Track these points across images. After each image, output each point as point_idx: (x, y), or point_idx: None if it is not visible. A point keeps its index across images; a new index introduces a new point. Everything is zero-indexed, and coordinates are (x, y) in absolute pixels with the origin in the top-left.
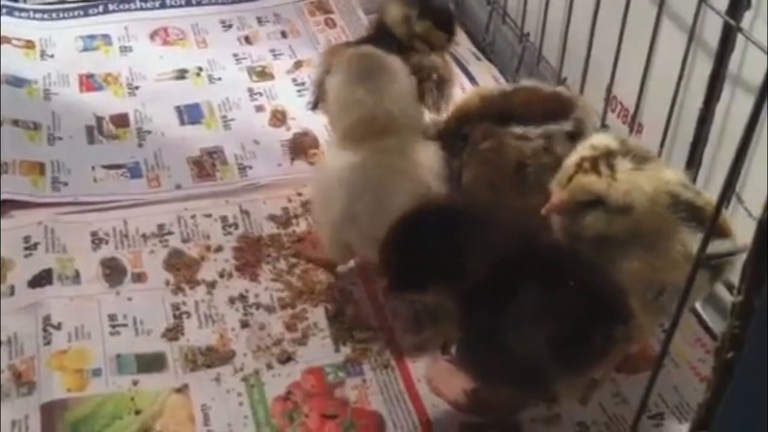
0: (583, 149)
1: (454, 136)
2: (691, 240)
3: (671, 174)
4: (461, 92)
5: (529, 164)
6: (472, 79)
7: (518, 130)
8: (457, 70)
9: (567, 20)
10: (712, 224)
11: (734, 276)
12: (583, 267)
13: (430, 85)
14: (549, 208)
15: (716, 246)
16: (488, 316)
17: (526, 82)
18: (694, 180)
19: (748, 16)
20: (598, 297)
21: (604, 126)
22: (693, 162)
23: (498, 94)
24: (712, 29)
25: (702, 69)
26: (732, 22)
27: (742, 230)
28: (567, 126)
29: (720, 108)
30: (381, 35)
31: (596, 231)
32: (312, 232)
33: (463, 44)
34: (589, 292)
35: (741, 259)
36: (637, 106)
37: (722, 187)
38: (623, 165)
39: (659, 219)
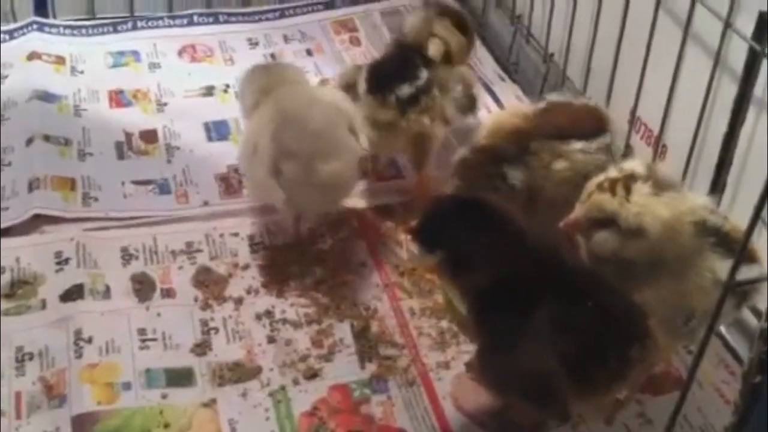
0: (611, 171)
1: (501, 157)
2: (720, 265)
3: (698, 200)
4: (486, 113)
5: None
6: (496, 100)
7: (579, 145)
8: (481, 90)
9: (592, 41)
10: (742, 250)
11: (760, 300)
12: (601, 286)
13: (456, 95)
14: (566, 223)
15: (744, 272)
16: (505, 328)
17: (552, 97)
18: (718, 204)
19: None
20: (615, 316)
21: (628, 147)
22: (717, 185)
23: (538, 111)
24: (737, 53)
25: (727, 92)
26: (757, 47)
27: None
28: (608, 139)
29: (744, 132)
30: (402, 51)
31: (608, 250)
32: None
33: (486, 64)
34: (606, 311)
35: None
36: (662, 129)
37: (753, 212)
38: (641, 189)
39: (680, 246)
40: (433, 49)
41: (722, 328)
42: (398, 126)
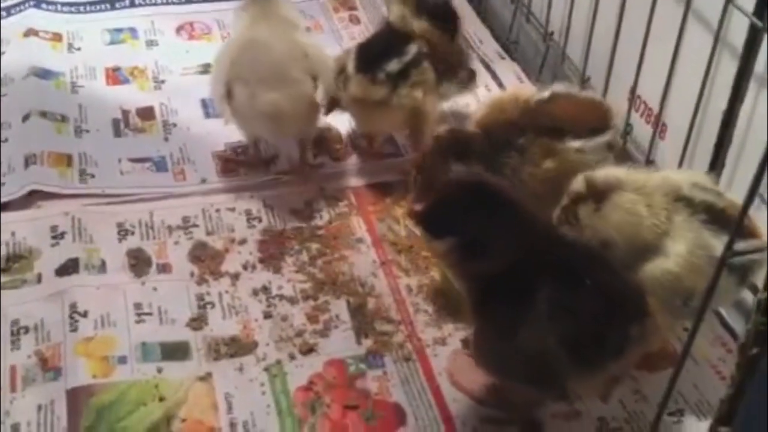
0: (575, 183)
1: (495, 144)
2: (714, 243)
3: (679, 177)
4: (485, 91)
5: None
6: (495, 78)
7: (575, 144)
8: (481, 69)
9: (592, 19)
10: (739, 224)
11: (758, 278)
12: (600, 265)
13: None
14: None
15: (742, 246)
16: (504, 310)
17: (558, 88)
18: (717, 180)
19: None
20: (614, 296)
21: (628, 125)
22: (717, 163)
23: (537, 102)
24: (738, 30)
25: (727, 70)
26: (759, 23)
27: None
28: (608, 136)
29: (745, 109)
30: (390, 30)
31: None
32: None
33: (486, 42)
34: (605, 290)
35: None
36: (662, 107)
37: (750, 187)
38: (585, 209)
39: (657, 227)
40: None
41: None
42: (390, 102)
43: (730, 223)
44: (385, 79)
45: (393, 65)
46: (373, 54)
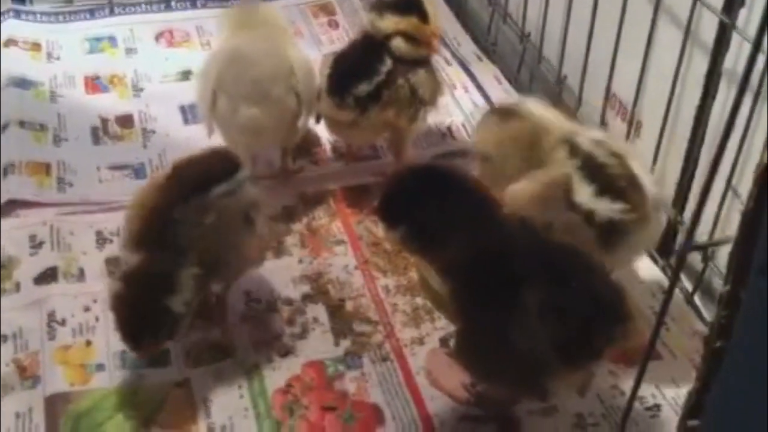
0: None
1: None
2: (577, 186)
3: (589, 132)
4: (463, 92)
5: None
6: (473, 79)
7: (221, 188)
8: (459, 71)
9: (566, 20)
10: (697, 215)
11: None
12: (581, 266)
13: (414, 102)
14: None
15: (605, 204)
16: (487, 311)
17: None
18: (692, 176)
19: (743, 14)
20: (597, 296)
21: (603, 124)
22: (690, 158)
23: (164, 179)
24: (707, 27)
25: (699, 66)
26: (726, 20)
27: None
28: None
29: (717, 105)
30: (365, 43)
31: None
32: None
33: (465, 45)
34: (587, 291)
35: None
36: (635, 104)
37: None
38: (489, 120)
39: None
40: (395, 45)
41: (696, 299)
42: (360, 124)
43: (603, 176)
44: (353, 104)
45: (363, 88)
46: (344, 73)
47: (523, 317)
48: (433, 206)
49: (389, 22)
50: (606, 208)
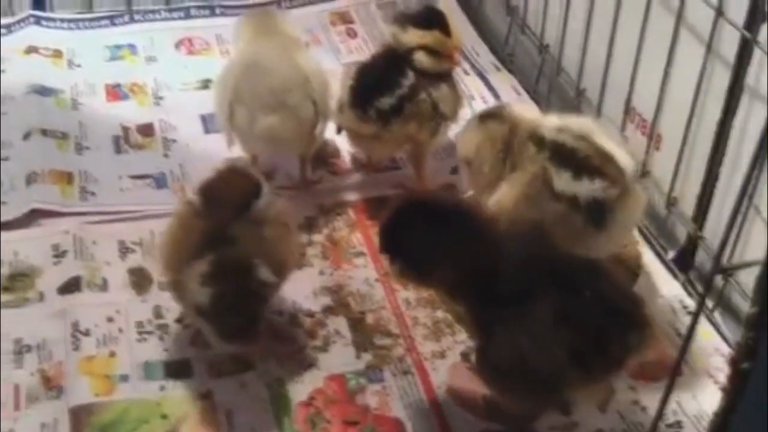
0: None
1: None
2: (555, 177)
3: (551, 120)
4: (482, 103)
5: None
6: (492, 90)
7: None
8: (478, 81)
9: (586, 32)
10: (726, 238)
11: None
12: (596, 275)
13: (435, 116)
14: None
15: (585, 185)
16: (505, 326)
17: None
18: (712, 191)
19: (765, 29)
20: (612, 304)
21: (622, 137)
22: (711, 173)
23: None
24: (729, 42)
25: (720, 81)
26: (748, 35)
27: (762, 242)
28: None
29: (738, 120)
30: (387, 56)
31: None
32: None
33: (483, 55)
34: (603, 299)
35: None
36: (655, 118)
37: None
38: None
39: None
40: (418, 59)
41: (717, 315)
42: (382, 137)
43: (575, 159)
44: (375, 117)
45: (385, 101)
46: (366, 86)
47: (538, 329)
48: (425, 237)
49: (412, 36)
50: (587, 188)
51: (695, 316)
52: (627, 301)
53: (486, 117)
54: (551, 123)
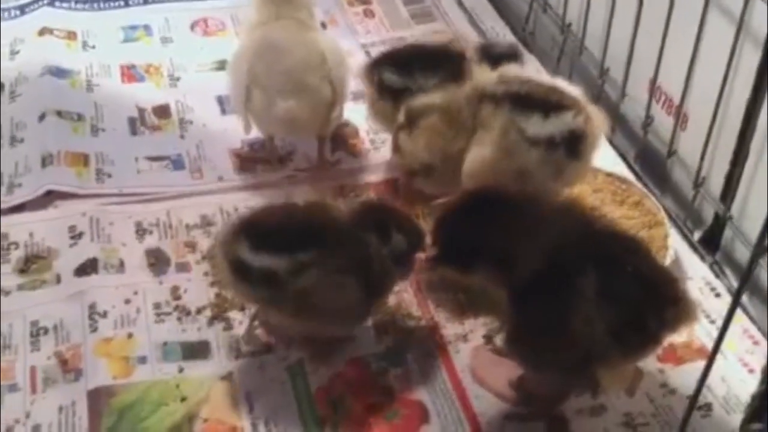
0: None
1: None
2: (522, 124)
3: (487, 77)
4: None
5: None
6: None
7: None
8: None
9: (611, 10)
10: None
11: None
12: (634, 251)
13: None
14: None
15: (556, 122)
16: (542, 302)
17: None
18: (741, 170)
19: None
20: (651, 280)
21: (649, 117)
22: (740, 154)
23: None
24: (760, 18)
25: (750, 59)
26: None
27: None
28: None
29: None
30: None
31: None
32: None
33: (503, 35)
34: (642, 275)
35: None
36: (683, 98)
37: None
38: (402, 137)
39: (464, 138)
40: None
41: (745, 298)
42: None
43: (535, 102)
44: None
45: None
46: None
47: (577, 304)
48: (505, 235)
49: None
50: (560, 123)
51: (733, 305)
52: (665, 277)
53: (415, 119)
54: (487, 79)
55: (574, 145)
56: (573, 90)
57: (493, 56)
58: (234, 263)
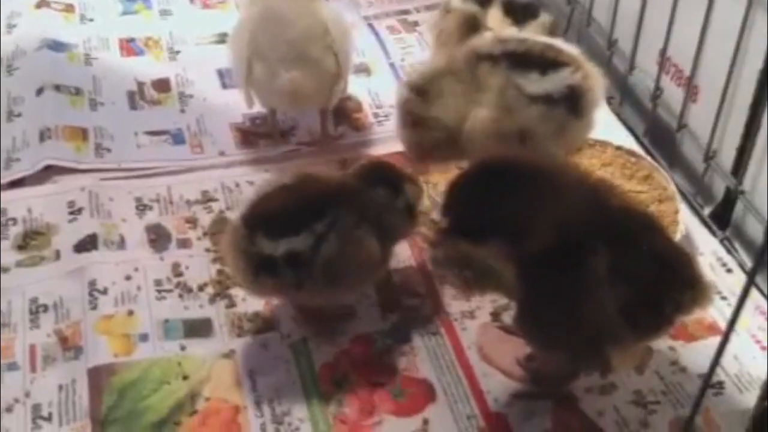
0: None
1: None
2: (520, 81)
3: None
4: None
5: None
6: None
7: None
8: None
9: None
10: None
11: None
12: (650, 230)
13: None
14: None
15: (555, 78)
16: (554, 280)
17: None
18: (753, 143)
19: None
20: (665, 261)
21: (658, 89)
22: (752, 126)
23: None
24: None
25: (762, 29)
26: None
27: None
28: None
29: None
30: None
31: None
32: None
33: None
34: (656, 256)
35: None
36: (693, 69)
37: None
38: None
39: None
40: None
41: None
42: None
43: (533, 59)
44: None
45: None
46: None
47: (591, 283)
48: (519, 206)
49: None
50: (558, 79)
51: (748, 284)
52: (680, 258)
53: (423, 87)
54: (487, 40)
55: (575, 101)
56: (567, 46)
57: (518, 11)
58: (258, 261)
